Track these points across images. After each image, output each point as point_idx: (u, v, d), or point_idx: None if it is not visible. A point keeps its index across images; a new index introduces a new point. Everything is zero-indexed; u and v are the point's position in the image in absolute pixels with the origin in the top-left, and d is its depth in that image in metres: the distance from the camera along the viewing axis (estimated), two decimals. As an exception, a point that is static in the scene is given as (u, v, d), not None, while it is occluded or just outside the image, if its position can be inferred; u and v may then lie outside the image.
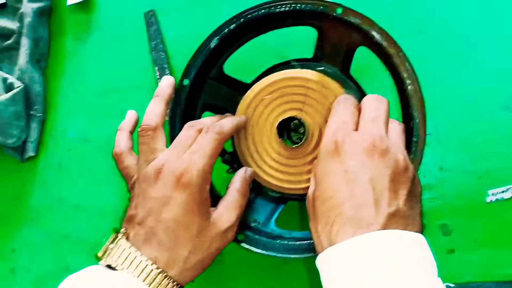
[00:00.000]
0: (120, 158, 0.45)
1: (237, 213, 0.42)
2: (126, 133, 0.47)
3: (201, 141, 0.41)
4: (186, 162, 0.40)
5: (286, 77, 0.46)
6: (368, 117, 0.40)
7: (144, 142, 0.43)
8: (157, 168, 0.40)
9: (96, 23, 0.60)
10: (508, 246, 0.50)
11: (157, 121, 0.43)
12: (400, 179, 0.37)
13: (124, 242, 0.39)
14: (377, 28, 0.43)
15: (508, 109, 0.51)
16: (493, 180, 0.51)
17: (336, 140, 0.39)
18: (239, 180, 0.44)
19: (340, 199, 0.36)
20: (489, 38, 0.52)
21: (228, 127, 0.43)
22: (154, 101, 0.45)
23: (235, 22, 0.45)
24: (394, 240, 0.34)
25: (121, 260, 0.38)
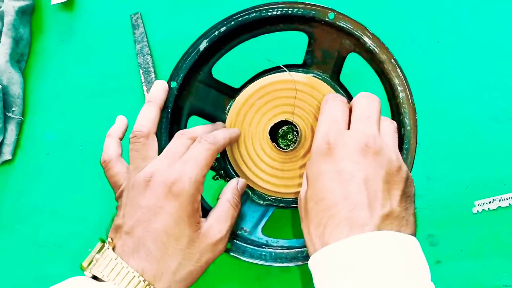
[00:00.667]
0: (109, 165, 0.43)
1: (228, 225, 0.41)
2: (116, 139, 0.45)
3: (194, 150, 0.40)
4: (178, 171, 0.39)
5: (276, 81, 0.45)
6: (360, 116, 0.39)
7: (135, 149, 0.41)
8: (147, 176, 0.39)
9: (80, 24, 0.59)
10: (495, 257, 0.51)
11: (150, 128, 0.42)
12: (393, 180, 0.36)
13: (110, 252, 0.38)
14: (369, 34, 0.43)
15: (496, 120, 0.52)
16: (480, 190, 0.51)
17: (328, 140, 0.38)
18: (231, 191, 0.43)
19: (334, 200, 0.36)
20: (480, 49, 0.53)
21: (221, 138, 0.42)
22: (146, 107, 0.44)
23: (225, 25, 0.45)
24: (387, 242, 0.34)
25: (107, 271, 0.37)
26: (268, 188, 0.46)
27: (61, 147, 0.58)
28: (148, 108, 0.43)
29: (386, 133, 0.39)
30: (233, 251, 0.44)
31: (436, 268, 0.51)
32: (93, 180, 0.57)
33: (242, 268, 0.53)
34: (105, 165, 0.44)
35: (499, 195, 0.51)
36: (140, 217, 0.38)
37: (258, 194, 0.47)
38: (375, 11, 0.54)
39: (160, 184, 0.38)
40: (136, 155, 0.41)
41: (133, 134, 0.42)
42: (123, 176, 0.42)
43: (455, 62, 0.53)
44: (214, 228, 0.40)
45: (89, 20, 0.59)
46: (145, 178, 0.39)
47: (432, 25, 0.53)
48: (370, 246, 0.33)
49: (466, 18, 0.53)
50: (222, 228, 0.41)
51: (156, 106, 0.43)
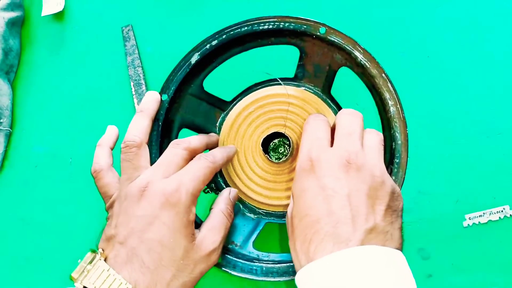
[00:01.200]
0: (99, 175, 0.43)
1: (221, 236, 0.41)
2: (107, 149, 0.45)
3: (193, 166, 0.40)
4: (176, 182, 0.38)
5: (268, 94, 0.46)
6: (342, 132, 0.39)
7: (127, 159, 0.41)
8: (142, 186, 0.39)
9: (70, 35, 0.58)
10: (485, 271, 0.51)
11: (142, 137, 0.42)
12: (376, 194, 0.36)
13: (102, 263, 0.37)
14: (360, 48, 0.43)
15: (486, 134, 0.52)
16: (470, 204, 0.51)
17: (311, 157, 0.38)
18: (224, 202, 0.43)
19: (317, 216, 0.36)
20: (469, 65, 0.53)
21: (220, 158, 0.42)
22: (138, 116, 0.43)
23: (216, 38, 0.45)
24: (371, 257, 0.33)
25: (99, 283, 0.36)
26: (260, 201, 0.46)
27: (50, 160, 0.58)
28: (139, 118, 0.43)
29: (370, 147, 0.39)
30: (224, 265, 0.43)
31: (428, 282, 0.51)
32: (82, 193, 0.56)
33: (234, 283, 0.53)
34: (96, 175, 0.43)
35: (489, 209, 0.51)
36: (134, 227, 0.38)
37: (250, 207, 0.47)
38: (366, 26, 0.54)
39: (157, 193, 0.38)
40: (128, 165, 0.41)
41: (125, 144, 0.41)
42: (114, 186, 0.42)
43: (445, 77, 0.53)
44: (208, 239, 0.40)
45: (79, 32, 0.58)
46: (139, 187, 0.39)
47: (422, 40, 0.54)
48: (354, 261, 0.33)
49: (456, 34, 0.53)
50: (216, 238, 0.40)
51: (148, 116, 0.43)
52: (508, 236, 0.51)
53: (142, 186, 0.38)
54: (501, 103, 0.52)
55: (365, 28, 0.54)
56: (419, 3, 0.54)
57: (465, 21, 0.53)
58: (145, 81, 0.57)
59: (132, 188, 0.39)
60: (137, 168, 0.40)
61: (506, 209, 0.51)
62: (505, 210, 0.51)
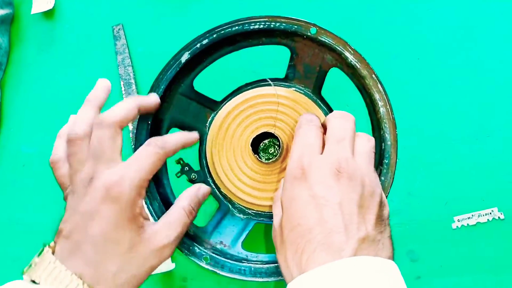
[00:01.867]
0: (57, 165, 0.41)
1: (177, 232, 0.39)
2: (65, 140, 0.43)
3: (141, 153, 0.39)
4: (119, 174, 0.37)
5: (258, 94, 0.46)
6: (333, 138, 0.38)
7: (72, 153, 0.39)
8: (86, 180, 0.37)
9: (60, 34, 0.58)
10: (474, 273, 0.51)
11: (85, 128, 0.39)
12: (366, 204, 0.36)
13: (49, 255, 0.36)
14: (350, 49, 0.43)
15: (475, 137, 0.52)
16: (459, 206, 0.52)
17: (301, 165, 0.37)
18: (188, 199, 0.41)
19: (309, 225, 0.35)
20: (459, 67, 0.53)
21: (172, 144, 0.40)
22: (84, 107, 0.41)
23: (207, 37, 0.44)
24: (365, 268, 0.33)
25: (45, 275, 0.35)
26: (249, 201, 0.46)
27: (38, 159, 0.57)
28: (85, 109, 0.41)
29: (360, 154, 0.38)
30: (212, 265, 0.43)
31: (416, 284, 0.51)
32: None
33: (222, 283, 0.52)
34: (54, 165, 0.41)
35: (478, 211, 0.51)
36: (78, 222, 0.37)
37: (239, 207, 0.47)
38: (357, 28, 0.54)
39: (99, 187, 0.37)
40: (74, 159, 0.39)
41: (69, 137, 0.39)
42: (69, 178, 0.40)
43: (435, 79, 0.53)
44: (161, 234, 0.39)
45: (69, 30, 0.58)
46: (83, 182, 0.37)
47: (413, 43, 0.54)
48: (348, 273, 0.32)
49: (447, 36, 0.54)
50: (170, 234, 0.39)
51: (94, 106, 0.41)
52: (496, 238, 0.51)
53: (86, 180, 0.37)
54: (490, 105, 0.52)
55: (356, 29, 0.54)
56: (411, 5, 0.54)
57: (456, 24, 0.54)
58: (135, 81, 0.56)
59: (77, 182, 0.38)
60: (82, 162, 0.38)
61: (494, 211, 0.51)
62: (494, 212, 0.51)
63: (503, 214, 0.51)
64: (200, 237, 0.45)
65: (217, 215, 0.47)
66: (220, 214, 0.47)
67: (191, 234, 0.45)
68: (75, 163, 0.39)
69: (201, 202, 0.42)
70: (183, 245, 0.43)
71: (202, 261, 0.43)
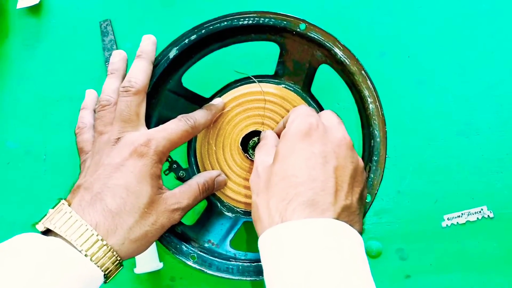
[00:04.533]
0: (82, 131, 0.44)
1: (189, 201, 0.42)
2: (90, 110, 0.46)
3: (172, 125, 0.41)
4: (148, 136, 0.40)
5: (246, 92, 0.45)
6: (332, 121, 0.40)
7: (100, 116, 0.42)
8: (112, 139, 0.40)
9: (46, 29, 0.57)
10: (463, 271, 0.51)
11: (115, 97, 0.42)
12: (357, 178, 0.38)
13: (66, 207, 0.37)
14: (340, 45, 0.43)
15: (464, 135, 0.52)
16: (449, 205, 0.52)
17: (311, 123, 0.38)
18: (206, 178, 0.44)
19: (303, 178, 0.36)
20: (448, 65, 0.53)
21: (201, 123, 0.43)
22: (109, 78, 0.44)
23: (196, 33, 0.44)
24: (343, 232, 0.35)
25: (59, 224, 0.36)
26: (238, 199, 0.46)
27: (23, 156, 0.56)
28: (111, 80, 0.44)
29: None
30: (200, 264, 0.43)
31: (406, 283, 0.51)
32: (56, 191, 0.55)
33: (209, 282, 0.52)
34: (78, 131, 0.44)
35: (467, 209, 0.51)
36: (100, 173, 0.38)
37: (227, 206, 0.46)
38: (347, 24, 0.54)
39: (127, 143, 0.39)
40: (99, 122, 0.42)
41: (100, 104, 0.42)
42: (91, 144, 0.43)
43: (424, 77, 0.53)
44: (175, 197, 0.41)
45: (56, 26, 0.57)
46: (110, 139, 0.40)
47: (403, 40, 0.54)
48: (326, 232, 0.34)
49: (436, 34, 0.54)
50: (182, 201, 0.41)
51: (119, 77, 0.44)
52: (486, 236, 0.51)
53: (112, 139, 0.40)
54: (480, 103, 0.52)
55: (346, 26, 0.54)
56: (401, 2, 0.54)
57: (446, 22, 0.54)
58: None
59: (102, 142, 0.40)
60: (108, 124, 0.41)
61: (484, 209, 0.51)
62: (483, 211, 0.51)
63: (493, 213, 0.51)
64: (188, 236, 0.45)
65: (206, 213, 0.47)
66: (208, 212, 0.47)
67: (179, 232, 0.44)
68: (102, 125, 0.41)
69: (215, 188, 0.45)
70: (171, 243, 0.43)
71: (189, 259, 0.43)
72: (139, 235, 0.38)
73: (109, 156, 0.39)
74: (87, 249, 0.35)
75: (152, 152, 0.39)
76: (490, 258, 0.51)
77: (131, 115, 0.41)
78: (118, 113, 0.41)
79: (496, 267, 0.51)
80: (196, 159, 0.46)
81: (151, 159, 0.39)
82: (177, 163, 0.46)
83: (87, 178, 0.39)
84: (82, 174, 0.40)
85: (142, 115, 0.42)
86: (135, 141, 0.39)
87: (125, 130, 0.40)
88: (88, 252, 0.35)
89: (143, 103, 0.42)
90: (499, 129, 0.52)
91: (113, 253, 0.37)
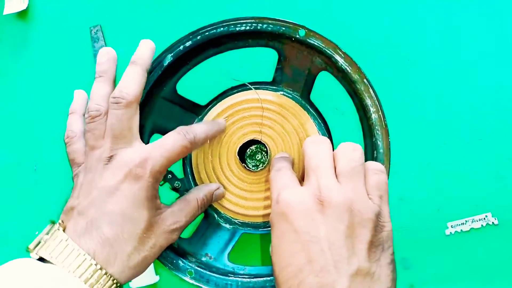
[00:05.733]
0: (72, 140, 0.41)
1: (187, 219, 0.41)
2: (79, 116, 0.43)
3: (169, 140, 0.39)
4: (143, 155, 0.37)
5: (244, 100, 0.44)
6: (310, 166, 0.37)
7: (90, 129, 0.39)
8: (105, 157, 0.37)
9: (35, 35, 0.56)
10: (468, 280, 0.50)
11: (105, 105, 0.39)
12: (355, 233, 0.34)
13: (61, 233, 0.35)
14: (341, 52, 0.42)
15: (467, 141, 0.51)
16: (452, 212, 0.51)
17: (281, 200, 0.36)
18: (205, 192, 0.42)
19: (299, 266, 0.34)
20: (450, 71, 0.52)
21: (201, 138, 0.41)
22: (97, 82, 0.40)
23: (191, 39, 0.43)
24: None
25: (56, 253, 0.34)
26: (235, 211, 0.45)
27: (13, 167, 0.55)
28: (100, 84, 0.40)
29: (345, 174, 0.36)
30: (197, 280, 0.42)
31: (409, 293, 0.50)
32: (47, 203, 0.53)
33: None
34: (68, 140, 0.41)
35: (471, 216, 0.51)
36: (95, 197, 0.37)
37: (225, 217, 0.45)
38: (347, 29, 0.53)
39: (121, 165, 0.37)
40: (90, 136, 0.39)
41: (88, 114, 0.39)
42: (83, 155, 0.40)
43: (426, 84, 0.52)
44: (173, 216, 0.39)
45: (44, 32, 0.56)
46: (103, 157, 0.38)
47: (403, 45, 0.53)
48: None
49: (437, 39, 0.53)
50: (180, 220, 0.40)
51: (108, 80, 0.41)
52: (490, 244, 0.50)
53: (105, 157, 0.37)
54: (482, 108, 0.52)
55: (345, 31, 0.53)
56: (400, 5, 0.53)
57: (446, 24, 0.53)
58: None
59: (94, 159, 0.38)
60: (99, 139, 0.38)
61: (488, 216, 0.50)
62: (488, 218, 0.50)
63: (497, 220, 0.50)
64: (184, 250, 0.44)
65: (202, 226, 0.45)
66: (205, 224, 0.45)
67: (175, 246, 0.43)
68: (93, 139, 0.39)
69: (211, 201, 0.43)
70: (167, 258, 0.42)
71: (186, 275, 0.42)
72: (138, 261, 0.37)
73: (102, 178, 0.37)
74: (86, 280, 0.34)
75: (148, 174, 0.37)
76: (496, 266, 0.50)
77: (123, 129, 0.38)
78: (109, 127, 0.38)
79: (502, 275, 0.50)
80: (192, 169, 0.45)
81: (147, 181, 0.37)
82: (172, 173, 0.45)
83: (80, 200, 0.37)
84: (76, 192, 0.38)
85: (136, 129, 0.39)
86: (130, 162, 0.37)
87: (117, 146, 0.38)
88: (87, 282, 0.34)
89: (135, 115, 0.39)
90: (503, 134, 0.51)
91: (113, 281, 0.35)
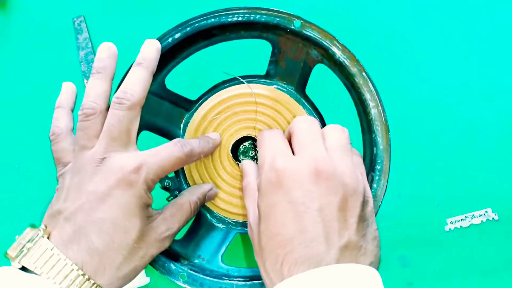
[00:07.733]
0: (57, 138, 0.39)
1: (179, 224, 0.39)
2: (67, 110, 0.41)
3: (166, 150, 0.37)
4: (139, 160, 0.36)
5: (236, 94, 0.43)
6: (304, 139, 0.37)
7: (81, 128, 0.37)
8: (96, 158, 0.36)
9: (15, 27, 0.54)
10: (468, 277, 0.50)
11: (101, 104, 0.38)
12: (348, 206, 0.34)
13: (45, 241, 0.34)
14: (338, 44, 0.40)
15: (467, 136, 0.51)
16: (452, 208, 0.51)
17: (276, 168, 0.35)
18: (198, 194, 0.41)
19: (289, 235, 0.34)
20: (450, 65, 0.52)
21: (198, 153, 0.40)
22: (95, 79, 0.38)
23: (180, 31, 0.41)
24: (344, 276, 0.32)
25: (40, 263, 0.33)
26: (229, 210, 0.44)
27: None
28: (97, 81, 0.38)
29: (336, 149, 0.36)
30: (190, 283, 0.41)
31: (408, 291, 0.50)
32: (30, 202, 0.52)
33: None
34: (54, 138, 0.39)
35: (471, 212, 0.50)
36: (84, 203, 0.35)
37: (218, 216, 0.44)
38: (343, 19, 0.52)
39: (115, 169, 0.35)
40: (82, 134, 0.37)
41: (82, 112, 0.37)
42: (70, 154, 0.38)
43: (425, 79, 0.52)
44: (165, 223, 0.38)
45: (25, 23, 0.54)
46: (95, 159, 0.36)
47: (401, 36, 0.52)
48: (327, 280, 0.31)
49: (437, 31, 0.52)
50: (173, 226, 0.39)
51: (106, 77, 0.39)
52: (491, 239, 0.50)
53: (97, 159, 0.36)
54: (482, 103, 0.51)
55: (342, 22, 0.52)
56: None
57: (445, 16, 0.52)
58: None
59: (84, 159, 0.36)
60: (93, 139, 0.37)
61: (488, 212, 0.50)
62: (488, 213, 0.50)
63: (497, 215, 0.50)
64: (176, 252, 0.43)
65: (195, 226, 0.44)
66: (197, 224, 0.44)
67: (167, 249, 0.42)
68: (85, 139, 0.37)
69: (204, 202, 0.42)
70: (158, 262, 0.41)
71: (178, 279, 0.41)
72: (128, 272, 0.36)
73: (92, 181, 0.35)
74: None
75: (142, 181, 0.35)
76: (496, 262, 0.50)
77: (121, 132, 0.36)
78: (106, 127, 0.37)
79: (502, 271, 0.50)
80: (183, 167, 0.44)
81: (141, 189, 0.35)
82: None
83: (67, 205, 0.35)
84: (62, 194, 0.36)
85: (134, 133, 0.37)
86: (124, 167, 0.35)
87: (112, 149, 0.36)
88: None
89: (136, 119, 0.37)
90: (503, 129, 0.51)
91: None
